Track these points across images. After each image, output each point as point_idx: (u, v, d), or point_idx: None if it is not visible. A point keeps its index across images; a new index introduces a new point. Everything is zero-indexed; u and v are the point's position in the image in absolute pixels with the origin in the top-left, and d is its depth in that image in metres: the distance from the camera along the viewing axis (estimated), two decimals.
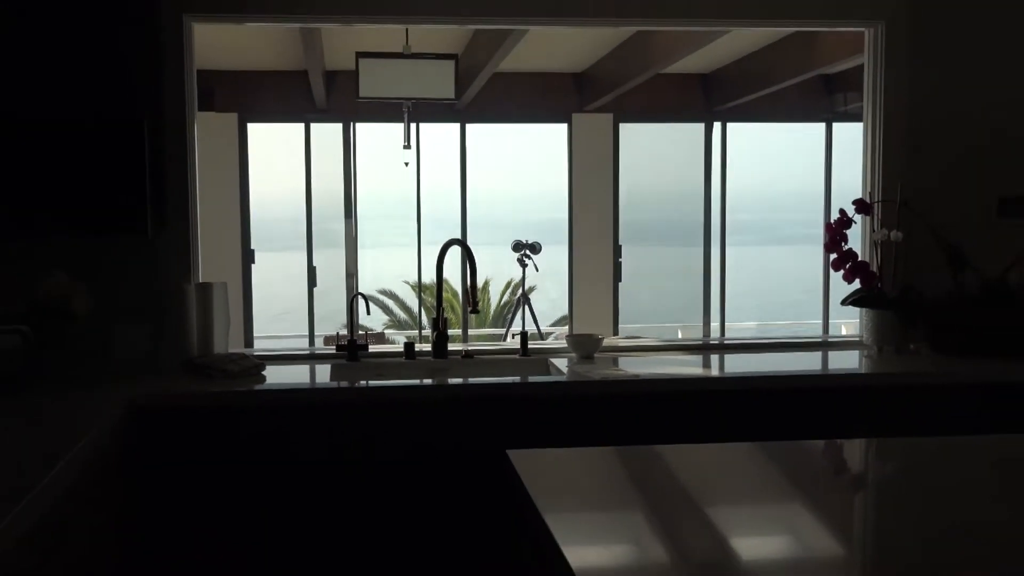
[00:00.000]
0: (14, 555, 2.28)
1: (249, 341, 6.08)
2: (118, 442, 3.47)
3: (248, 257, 9.75)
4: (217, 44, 8.08)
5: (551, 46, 8.89)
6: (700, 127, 10.79)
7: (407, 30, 7.21)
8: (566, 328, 10.88)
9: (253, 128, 10.17)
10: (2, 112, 3.52)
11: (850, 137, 10.36)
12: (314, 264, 10.48)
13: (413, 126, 9.71)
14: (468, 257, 4.46)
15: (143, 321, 4.14)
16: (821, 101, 10.30)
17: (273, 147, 10.61)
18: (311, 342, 9.81)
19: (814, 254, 7.69)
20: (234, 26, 6.26)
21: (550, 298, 11.17)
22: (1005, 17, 4.57)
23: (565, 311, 10.99)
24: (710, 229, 10.82)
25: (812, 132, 10.75)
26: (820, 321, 10.58)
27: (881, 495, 2.59)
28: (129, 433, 3.59)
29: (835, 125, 10.58)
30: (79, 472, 2.85)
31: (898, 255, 4.52)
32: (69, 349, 3.94)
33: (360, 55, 7.07)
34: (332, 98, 9.88)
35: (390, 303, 12.58)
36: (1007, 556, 2.01)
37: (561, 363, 4.27)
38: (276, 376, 4.01)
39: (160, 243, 4.20)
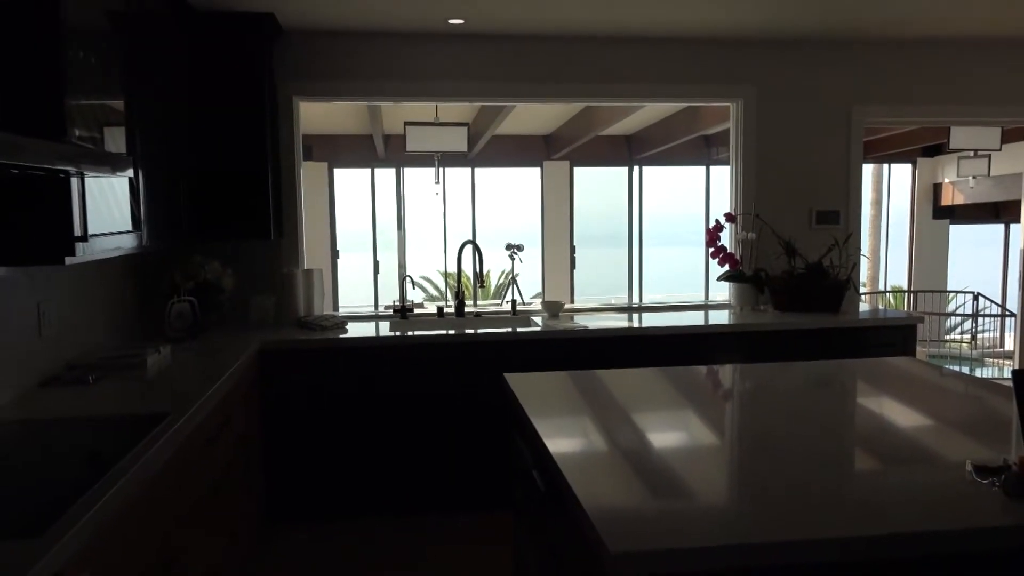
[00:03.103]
0: (206, 423, 2.43)
1: (336, 307, 6.01)
2: (254, 369, 3.48)
3: (335, 254, 9.69)
4: (315, 117, 8.03)
5: (529, 118, 8.86)
6: (625, 170, 10.75)
7: (436, 107, 7.18)
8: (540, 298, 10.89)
9: (338, 172, 10.10)
10: (190, 165, 3.51)
11: (720, 176, 10.34)
12: (377, 259, 10.44)
13: (441, 170, 9.67)
14: (477, 251, 4.46)
15: (269, 293, 4.13)
16: (702, 152, 10.26)
17: (351, 184, 10.55)
18: (376, 308, 9.77)
19: (698, 251, 7.69)
20: (325, 104, 6.23)
21: (530, 280, 11.15)
22: (814, 97, 4.58)
23: (539, 289, 10.97)
24: (631, 235, 10.81)
25: (696, 172, 10.73)
26: (703, 292, 10.59)
27: (743, 400, 2.61)
28: (262, 364, 3.60)
29: (712, 168, 10.56)
30: (232, 384, 2.89)
31: (753, 248, 4.54)
32: (221, 312, 3.94)
33: (407, 123, 7.02)
34: (389, 152, 9.82)
35: (426, 284, 12.53)
36: (817, 426, 2.04)
37: (538, 319, 4.28)
38: (354, 329, 4.01)
39: (280, 244, 4.20)
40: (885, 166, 11.23)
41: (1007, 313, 9.88)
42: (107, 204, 2.46)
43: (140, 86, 2.88)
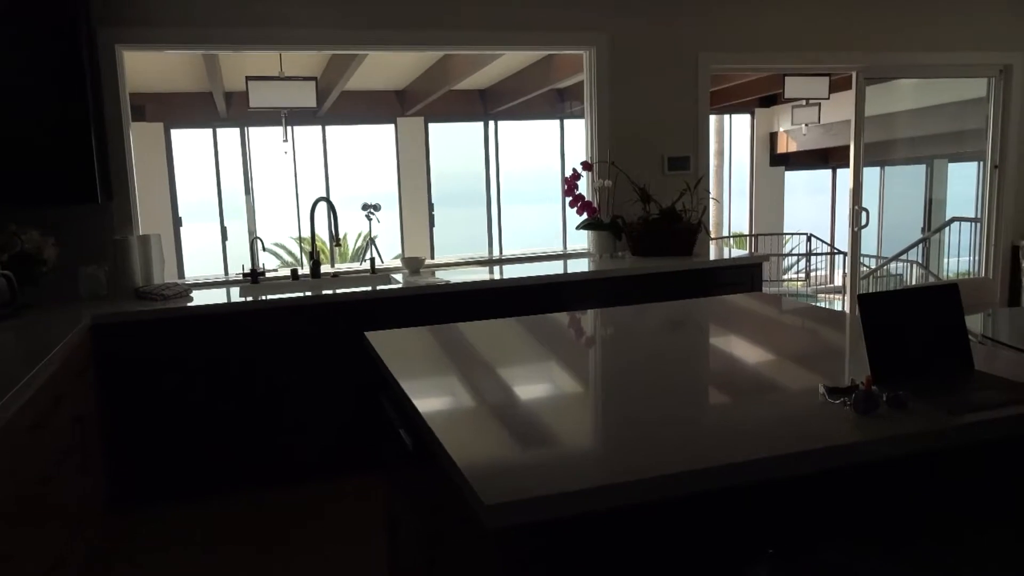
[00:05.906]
0: (29, 407, 2.20)
1: (181, 278, 5.65)
2: (87, 346, 3.18)
3: (177, 222, 9.09)
4: (146, 73, 7.43)
5: (380, 71, 8.59)
6: (480, 124, 10.67)
7: (280, 56, 6.79)
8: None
9: (176, 134, 9.42)
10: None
11: (574, 129, 10.44)
12: (224, 225, 9.88)
13: (289, 128, 9.23)
14: (332, 209, 4.26)
15: (101, 263, 3.79)
16: (556, 106, 10.33)
17: (191, 147, 9.88)
18: (225, 277, 9.28)
19: (555, 207, 7.76)
20: (160, 58, 5.74)
21: (388, 242, 10.93)
22: (664, 44, 4.65)
23: (399, 250, 10.76)
24: (489, 193, 10.77)
25: (551, 126, 10.79)
26: (561, 243, 10.75)
27: (604, 344, 2.63)
28: (96, 339, 3.30)
29: (565, 121, 10.65)
30: (61, 363, 2.62)
31: (609, 196, 4.60)
32: (44, 286, 3.57)
33: (249, 78, 6.60)
34: (231, 110, 9.26)
35: (280, 251, 12.04)
36: (676, 363, 2.07)
37: (398, 276, 4.16)
38: (201, 297, 3.74)
39: (110, 208, 3.85)
40: (726, 117, 11.76)
41: (836, 251, 10.67)
42: None
43: None
